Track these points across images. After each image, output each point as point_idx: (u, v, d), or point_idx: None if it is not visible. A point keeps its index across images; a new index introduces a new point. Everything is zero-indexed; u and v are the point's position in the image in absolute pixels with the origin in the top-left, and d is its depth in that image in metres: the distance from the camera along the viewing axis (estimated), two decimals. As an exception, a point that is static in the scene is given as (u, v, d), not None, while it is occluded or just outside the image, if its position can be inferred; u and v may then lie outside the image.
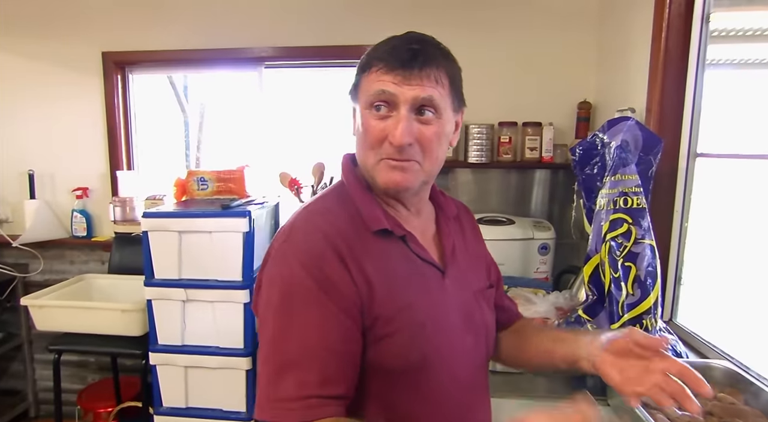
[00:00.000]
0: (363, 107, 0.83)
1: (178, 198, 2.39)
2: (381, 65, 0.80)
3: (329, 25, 2.52)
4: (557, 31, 2.40)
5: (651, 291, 1.40)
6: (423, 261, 0.87)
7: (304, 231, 0.81)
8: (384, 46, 0.82)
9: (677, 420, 1.09)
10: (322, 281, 0.76)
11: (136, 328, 2.10)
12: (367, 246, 0.82)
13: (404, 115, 0.79)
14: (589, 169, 1.55)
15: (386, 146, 0.81)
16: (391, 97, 0.79)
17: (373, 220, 0.84)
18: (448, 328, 0.86)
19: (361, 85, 0.84)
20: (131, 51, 2.68)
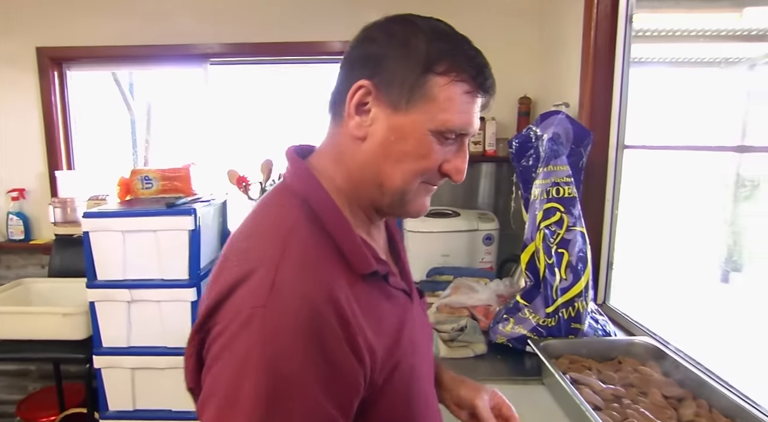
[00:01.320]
0: (428, 125, 0.65)
1: (122, 197, 2.34)
2: (469, 86, 0.66)
3: (275, 22, 2.52)
4: (501, 29, 2.48)
5: (582, 275, 1.49)
6: (401, 292, 0.74)
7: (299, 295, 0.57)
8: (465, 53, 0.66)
9: (601, 393, 1.17)
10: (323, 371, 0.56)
11: (79, 332, 2.04)
12: (359, 299, 0.63)
13: (466, 146, 0.70)
14: (525, 161, 1.62)
15: (434, 174, 0.69)
16: (471, 132, 0.68)
17: (360, 263, 0.65)
18: (424, 357, 0.78)
19: (430, 91, 0.64)
20: (68, 46, 2.59)
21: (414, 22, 0.68)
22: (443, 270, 2.12)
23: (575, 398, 1.09)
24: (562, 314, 1.48)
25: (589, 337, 1.47)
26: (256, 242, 0.64)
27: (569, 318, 1.48)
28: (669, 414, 1.09)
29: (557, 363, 1.34)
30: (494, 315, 1.62)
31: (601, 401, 1.16)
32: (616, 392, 1.18)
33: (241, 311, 0.57)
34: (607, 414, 1.10)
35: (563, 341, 1.43)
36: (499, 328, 1.56)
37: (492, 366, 1.51)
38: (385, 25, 0.69)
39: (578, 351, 1.39)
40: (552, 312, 1.48)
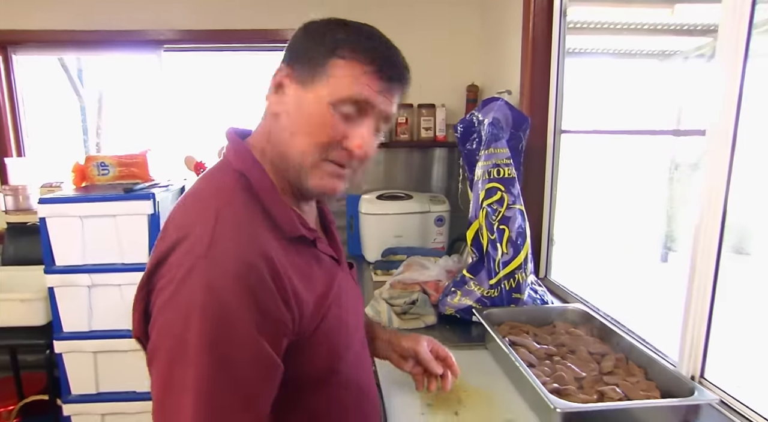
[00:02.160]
0: (325, 97, 0.72)
1: (78, 184, 2.33)
2: (367, 67, 0.73)
3: (229, 9, 2.54)
4: (445, 18, 2.59)
5: (522, 249, 1.62)
6: (330, 259, 0.84)
7: (234, 249, 0.65)
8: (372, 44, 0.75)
9: (535, 352, 1.31)
10: (256, 313, 0.63)
11: (38, 318, 2.05)
12: (289, 257, 0.72)
13: (374, 126, 0.75)
14: (469, 145, 1.74)
15: (339, 150, 0.74)
16: (367, 106, 0.74)
17: (289, 226, 0.74)
18: (352, 312, 0.86)
19: (330, 70, 0.73)
20: (13, 30, 2.53)
21: (334, 21, 0.78)
22: (397, 251, 2.23)
23: (512, 357, 1.22)
24: (504, 285, 1.62)
25: (528, 306, 1.62)
26: (194, 209, 0.71)
27: (510, 289, 1.62)
28: (592, 366, 1.24)
29: (499, 329, 1.47)
30: (443, 289, 1.74)
31: (535, 359, 1.29)
32: (549, 351, 1.32)
33: (183, 264, 0.63)
34: (540, 370, 1.24)
35: (504, 309, 1.56)
36: (447, 300, 1.68)
37: (441, 335, 1.63)
38: (315, 22, 0.78)
39: (518, 318, 1.52)
40: (495, 284, 1.62)
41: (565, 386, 1.14)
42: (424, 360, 0.99)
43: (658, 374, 1.17)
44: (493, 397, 1.22)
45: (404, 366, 1.03)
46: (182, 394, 0.60)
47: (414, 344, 1.01)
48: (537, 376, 1.16)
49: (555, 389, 1.13)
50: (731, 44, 1.06)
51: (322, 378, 0.79)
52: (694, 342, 1.18)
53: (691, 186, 1.76)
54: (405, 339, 1.04)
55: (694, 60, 1.99)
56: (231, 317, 0.61)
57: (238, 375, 0.62)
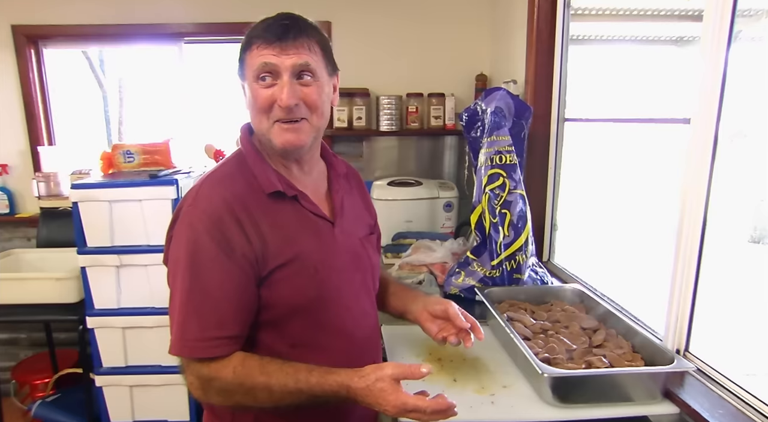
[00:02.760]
0: (251, 81, 0.94)
1: (105, 171, 2.46)
2: (260, 41, 0.92)
3: (247, 2, 2.62)
4: (456, 10, 2.65)
5: (522, 232, 1.71)
6: (314, 215, 1.02)
7: (207, 198, 0.93)
8: (260, 25, 0.94)
9: (531, 327, 1.40)
10: (221, 243, 0.90)
11: (72, 295, 2.20)
12: (262, 207, 0.95)
13: (287, 80, 0.92)
14: (474, 132, 1.82)
15: (276, 110, 0.94)
16: (273, 67, 0.92)
17: (267, 184, 0.97)
18: (339, 268, 1.03)
19: (245, 62, 0.95)
20: (44, 25, 2.66)
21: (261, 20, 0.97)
22: (407, 235, 2.33)
23: (508, 330, 1.32)
24: (505, 266, 1.71)
25: (527, 285, 1.71)
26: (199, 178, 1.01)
27: (511, 269, 1.71)
28: (583, 340, 1.33)
29: (499, 307, 1.56)
30: (447, 270, 1.84)
31: (531, 333, 1.39)
32: (544, 326, 1.41)
33: (183, 211, 0.95)
34: (534, 343, 1.33)
35: (505, 289, 1.65)
36: (452, 281, 1.78)
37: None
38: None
39: (517, 296, 1.61)
40: (497, 265, 1.71)
41: (555, 356, 1.23)
42: (453, 315, 1.09)
43: (645, 347, 1.25)
44: (490, 366, 1.32)
45: (432, 328, 1.13)
46: (176, 296, 0.93)
47: (446, 304, 1.12)
48: (531, 348, 1.25)
49: (546, 358, 1.22)
50: (715, 31, 1.12)
51: (293, 311, 0.98)
52: (680, 317, 1.26)
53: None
54: (437, 301, 1.15)
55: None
56: (202, 244, 0.90)
57: (208, 286, 0.90)
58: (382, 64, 2.69)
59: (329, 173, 1.14)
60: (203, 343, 0.90)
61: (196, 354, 0.90)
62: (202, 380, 0.91)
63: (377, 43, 2.68)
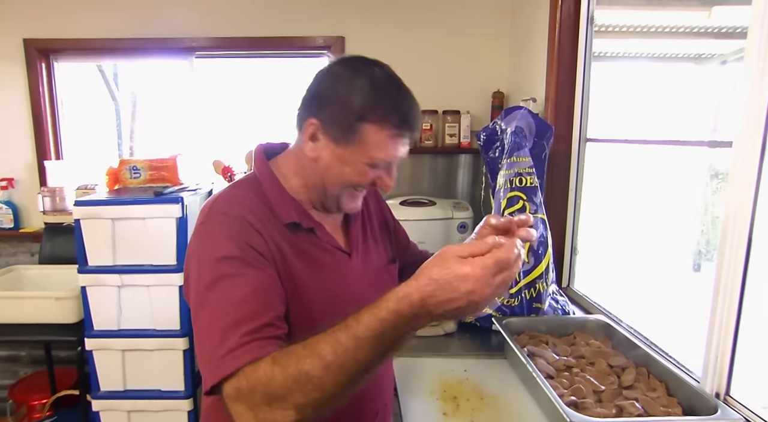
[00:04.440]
0: (360, 160, 0.89)
1: (111, 187, 2.41)
2: (394, 132, 0.87)
3: (259, 17, 2.60)
4: (474, 25, 2.59)
5: (543, 258, 1.61)
6: (332, 247, 0.97)
7: (223, 211, 0.87)
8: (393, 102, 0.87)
9: (554, 363, 1.30)
10: (245, 248, 0.82)
11: (71, 315, 2.13)
12: (281, 233, 0.90)
13: (395, 167, 0.93)
14: (492, 153, 1.74)
15: (368, 186, 0.94)
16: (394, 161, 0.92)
17: (284, 213, 0.92)
18: (355, 298, 0.92)
19: (361, 135, 0.87)
20: (56, 38, 2.64)
21: (355, 70, 0.89)
22: (419, 256, 2.23)
23: (529, 368, 1.21)
24: (524, 295, 1.61)
25: (548, 316, 1.60)
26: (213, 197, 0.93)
27: (531, 298, 1.61)
28: (611, 380, 1.22)
29: (518, 339, 1.46)
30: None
31: (554, 370, 1.28)
32: (568, 363, 1.31)
33: (193, 235, 0.88)
34: (558, 382, 1.23)
35: (524, 319, 1.55)
36: (467, 308, 1.67)
37: (461, 344, 1.63)
38: (335, 72, 0.91)
39: (538, 328, 1.51)
40: (515, 293, 1.61)
41: (582, 399, 1.13)
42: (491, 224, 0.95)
43: (680, 389, 1.14)
44: (510, 406, 1.21)
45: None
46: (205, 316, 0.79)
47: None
48: (554, 388, 1.15)
49: (572, 401, 1.11)
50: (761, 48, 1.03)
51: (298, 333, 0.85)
52: (719, 357, 1.15)
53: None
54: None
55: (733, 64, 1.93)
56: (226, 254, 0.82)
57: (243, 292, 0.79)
58: (396, 81, 2.62)
59: None
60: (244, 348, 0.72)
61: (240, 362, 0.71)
62: (246, 398, 0.70)
63: (391, 58, 2.56)
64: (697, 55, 2.25)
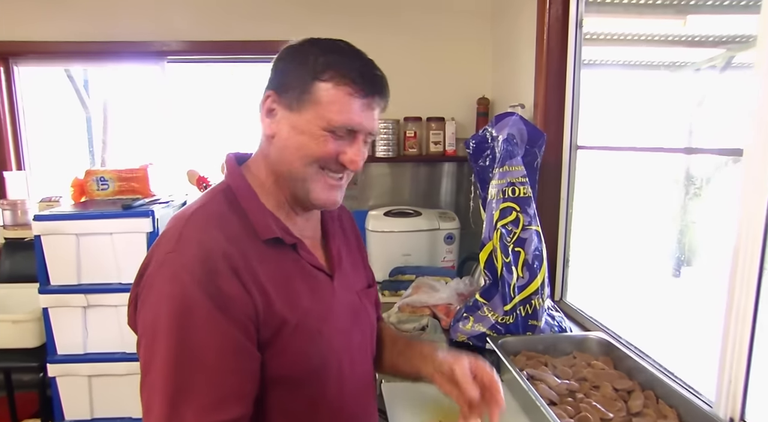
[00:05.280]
0: (318, 122, 0.79)
1: (77, 199, 2.27)
2: (350, 87, 0.78)
3: (232, 21, 2.49)
4: (456, 30, 2.52)
5: (538, 273, 1.53)
6: (313, 267, 0.87)
7: (196, 240, 0.75)
8: (349, 62, 0.79)
9: (556, 388, 1.21)
10: (216, 297, 0.71)
11: (31, 339, 1.98)
12: (259, 255, 0.79)
13: (362, 140, 0.82)
14: (482, 161, 1.66)
15: (334, 162, 0.82)
16: (356, 128, 0.80)
17: (263, 228, 0.81)
18: (340, 330, 0.89)
19: (316, 95, 0.78)
20: (15, 41, 2.49)
21: (314, 42, 0.83)
22: (405, 270, 2.14)
23: (531, 394, 1.13)
24: (519, 311, 1.52)
25: (545, 334, 1.52)
26: (177, 215, 0.82)
27: (527, 315, 1.53)
28: (619, 406, 1.14)
29: (515, 359, 1.37)
30: (454, 314, 1.65)
31: (556, 396, 1.20)
32: (570, 387, 1.22)
33: (158, 259, 0.74)
34: (562, 409, 1.14)
35: (520, 338, 1.47)
36: (459, 327, 1.59)
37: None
38: (293, 46, 0.84)
39: (535, 347, 1.43)
40: (510, 310, 1.52)
41: (591, 429, 1.04)
42: (460, 379, 0.86)
43: (693, 415, 1.07)
44: (511, 439, 1.13)
45: (452, 392, 0.90)
46: (155, 373, 0.70)
47: (453, 360, 0.90)
48: (559, 416, 1.07)
49: (580, 432, 1.03)
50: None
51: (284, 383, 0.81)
52: (733, 380, 1.08)
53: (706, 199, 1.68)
54: (444, 354, 0.93)
55: (706, 71, 1.91)
56: (193, 300, 0.70)
57: (203, 355, 0.70)
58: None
59: (323, 216, 0.99)
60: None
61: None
62: None
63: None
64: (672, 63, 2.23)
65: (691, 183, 1.81)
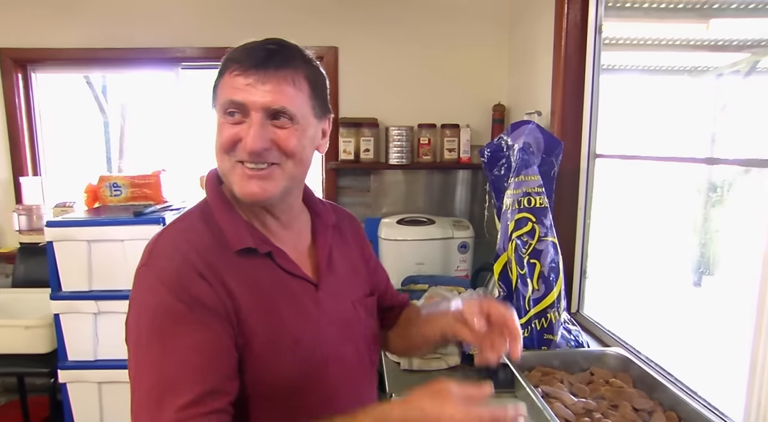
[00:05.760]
0: (218, 114, 0.80)
1: (90, 205, 2.28)
2: (235, 67, 0.77)
3: (246, 27, 2.48)
4: (472, 35, 2.49)
5: (554, 285, 1.49)
6: (293, 276, 0.85)
7: (165, 254, 0.77)
8: (240, 48, 0.80)
9: (572, 407, 1.17)
10: (189, 301, 0.73)
11: (43, 345, 1.98)
12: (231, 267, 0.79)
13: (256, 120, 0.76)
14: (497, 170, 1.62)
15: (240, 150, 0.78)
16: (242, 105, 0.77)
17: (235, 239, 0.81)
18: (324, 342, 0.85)
19: (217, 90, 0.81)
20: (34, 48, 2.51)
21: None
22: (418, 279, 2.10)
23: (546, 413, 1.08)
24: (534, 325, 1.48)
25: (561, 349, 1.47)
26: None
27: (542, 329, 1.48)
28: (639, 427, 1.09)
29: (529, 375, 1.33)
30: (468, 326, 1.61)
31: (572, 415, 1.15)
32: (587, 405, 1.18)
33: (135, 274, 0.78)
34: (578, 429, 1.10)
35: (535, 353, 1.42)
36: (472, 339, 1.55)
37: (465, 378, 1.51)
38: None
39: (550, 362, 1.38)
40: (525, 324, 1.48)
41: (609, 453, 1.00)
42: (467, 316, 0.83)
43: (718, 440, 1.02)
44: (525, 460, 1.08)
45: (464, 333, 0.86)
46: (141, 377, 0.71)
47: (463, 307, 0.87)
48: (576, 438, 1.02)
49: (598, 456, 0.99)
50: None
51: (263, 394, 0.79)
52: (763, 400, 1.02)
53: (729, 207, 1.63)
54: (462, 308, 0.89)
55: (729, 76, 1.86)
56: (166, 305, 0.72)
57: (180, 349, 0.71)
58: (392, 93, 2.51)
59: (314, 224, 0.95)
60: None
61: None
62: None
63: (387, 69, 2.51)
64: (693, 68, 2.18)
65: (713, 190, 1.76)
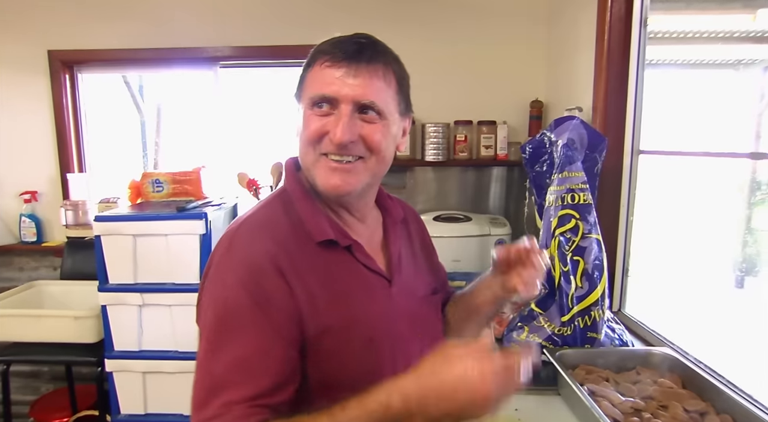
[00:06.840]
0: (306, 105, 0.80)
1: (133, 200, 2.34)
2: (326, 59, 0.78)
3: (284, 25, 2.51)
4: (509, 31, 2.46)
5: (598, 283, 1.46)
6: (369, 270, 0.85)
7: (245, 244, 0.78)
8: (330, 41, 0.81)
9: (620, 406, 1.15)
10: (258, 297, 0.73)
11: (91, 335, 2.04)
12: (310, 258, 0.79)
13: (345, 113, 0.77)
14: (538, 167, 1.60)
15: (326, 142, 0.78)
16: (332, 97, 0.77)
17: (316, 231, 0.81)
18: (395, 338, 0.85)
19: (305, 82, 0.81)
20: (79, 49, 2.60)
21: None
22: (454, 276, 2.09)
23: (594, 411, 1.07)
24: (578, 323, 1.46)
25: (605, 347, 1.45)
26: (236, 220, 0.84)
27: (585, 327, 1.46)
28: (690, 429, 1.07)
29: (573, 373, 1.31)
30: (508, 323, 1.60)
31: (620, 414, 1.13)
32: (636, 405, 1.16)
33: (212, 263, 0.79)
34: (627, 429, 1.08)
35: (579, 351, 1.41)
36: (513, 336, 1.54)
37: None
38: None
39: (594, 361, 1.36)
40: (568, 321, 1.46)
41: (661, 453, 0.98)
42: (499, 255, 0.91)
43: (776, 444, 0.99)
44: (573, 459, 1.07)
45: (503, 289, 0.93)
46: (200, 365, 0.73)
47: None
48: (626, 438, 1.00)
49: (650, 456, 0.97)
50: None
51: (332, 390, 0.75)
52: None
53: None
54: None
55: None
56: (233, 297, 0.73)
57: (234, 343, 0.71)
58: (428, 89, 2.50)
59: (385, 220, 0.96)
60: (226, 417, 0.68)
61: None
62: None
63: (423, 65, 2.49)
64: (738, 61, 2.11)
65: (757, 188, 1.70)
